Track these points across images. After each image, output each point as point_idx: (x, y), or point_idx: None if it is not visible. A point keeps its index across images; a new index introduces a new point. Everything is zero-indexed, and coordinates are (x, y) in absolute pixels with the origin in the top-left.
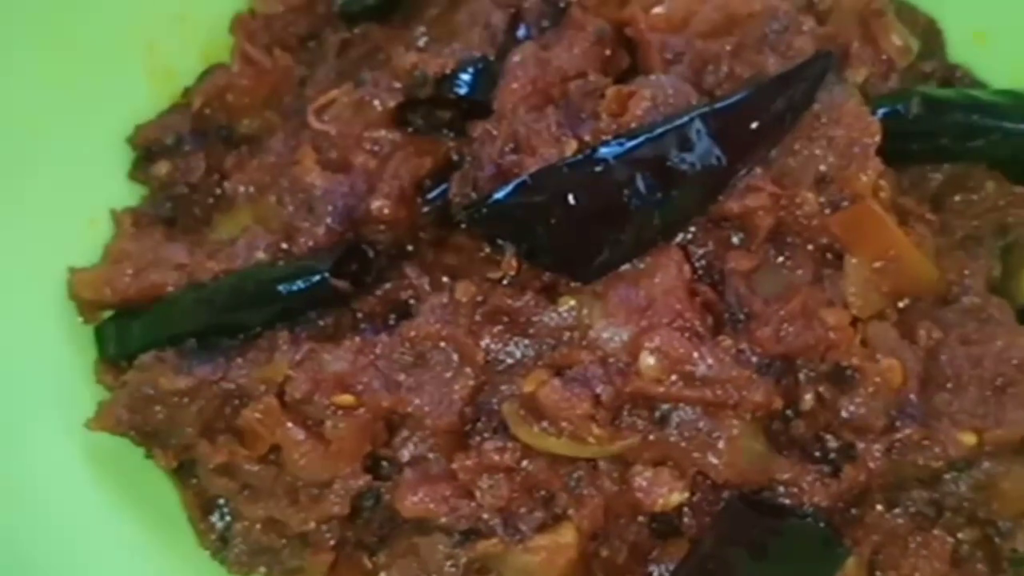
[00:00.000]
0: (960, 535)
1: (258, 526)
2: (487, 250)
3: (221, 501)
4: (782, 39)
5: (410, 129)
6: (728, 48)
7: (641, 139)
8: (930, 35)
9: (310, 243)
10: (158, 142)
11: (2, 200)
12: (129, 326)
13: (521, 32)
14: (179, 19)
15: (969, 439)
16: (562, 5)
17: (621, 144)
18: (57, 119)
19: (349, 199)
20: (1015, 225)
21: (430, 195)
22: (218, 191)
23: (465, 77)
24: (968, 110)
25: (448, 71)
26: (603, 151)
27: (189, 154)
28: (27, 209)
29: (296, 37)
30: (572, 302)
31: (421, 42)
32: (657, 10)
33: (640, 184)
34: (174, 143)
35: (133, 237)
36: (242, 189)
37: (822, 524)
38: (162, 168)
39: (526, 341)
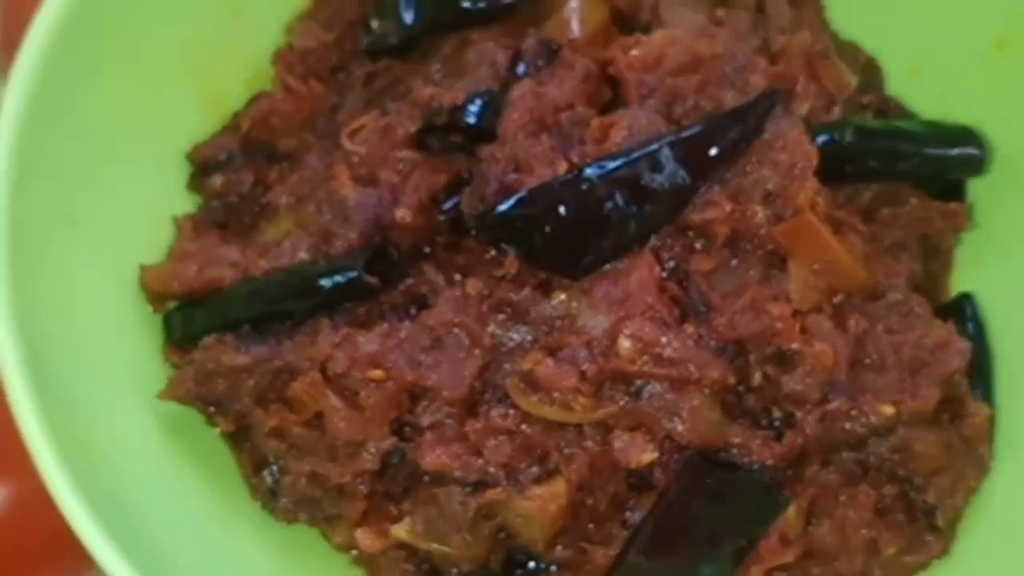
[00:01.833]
0: (882, 490)
1: (303, 480)
2: (493, 252)
3: (271, 460)
4: (740, 77)
5: (428, 151)
6: (694, 84)
7: (619, 162)
8: (870, 71)
9: (345, 245)
10: (213, 159)
11: (84, 210)
12: (193, 314)
13: (520, 69)
14: (229, 55)
15: (888, 410)
16: (555, 47)
17: (603, 166)
18: (129, 143)
19: (377, 209)
20: (934, 234)
21: (445, 206)
22: (263, 200)
23: (474, 108)
24: (893, 138)
25: (460, 103)
26: (588, 171)
27: (239, 169)
28: (104, 216)
29: (328, 69)
30: (563, 296)
31: (436, 76)
32: (634, 52)
33: (618, 199)
34: (226, 159)
35: (193, 239)
36: (284, 199)
37: (767, 478)
38: (216, 181)
39: (525, 328)
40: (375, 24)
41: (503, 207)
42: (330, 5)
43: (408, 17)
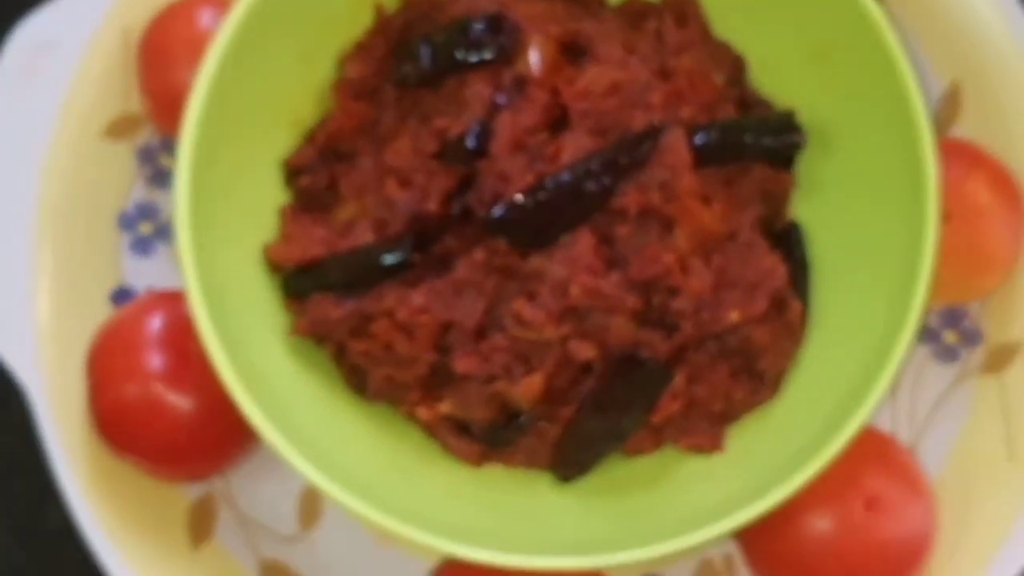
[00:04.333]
0: (733, 362)
1: (380, 380)
2: None
3: (360, 368)
4: (644, 97)
5: (444, 162)
6: (613, 105)
7: (568, 175)
8: (736, 67)
9: (396, 230)
10: (300, 165)
11: (228, 211)
12: (302, 279)
13: (500, 99)
14: (305, 90)
15: (736, 316)
16: (522, 83)
17: (557, 178)
18: (249, 161)
19: (414, 204)
20: (771, 192)
21: (458, 200)
22: (334, 191)
23: (472, 136)
24: (741, 130)
25: (463, 131)
26: (548, 183)
27: (317, 171)
28: (239, 213)
29: (369, 92)
30: (536, 259)
31: (444, 106)
32: (576, 84)
33: (567, 198)
34: (309, 165)
35: (293, 223)
36: (347, 191)
37: (662, 364)
38: (304, 180)
39: (513, 282)
40: (403, 66)
41: (496, 213)
42: (366, 48)
43: (425, 62)
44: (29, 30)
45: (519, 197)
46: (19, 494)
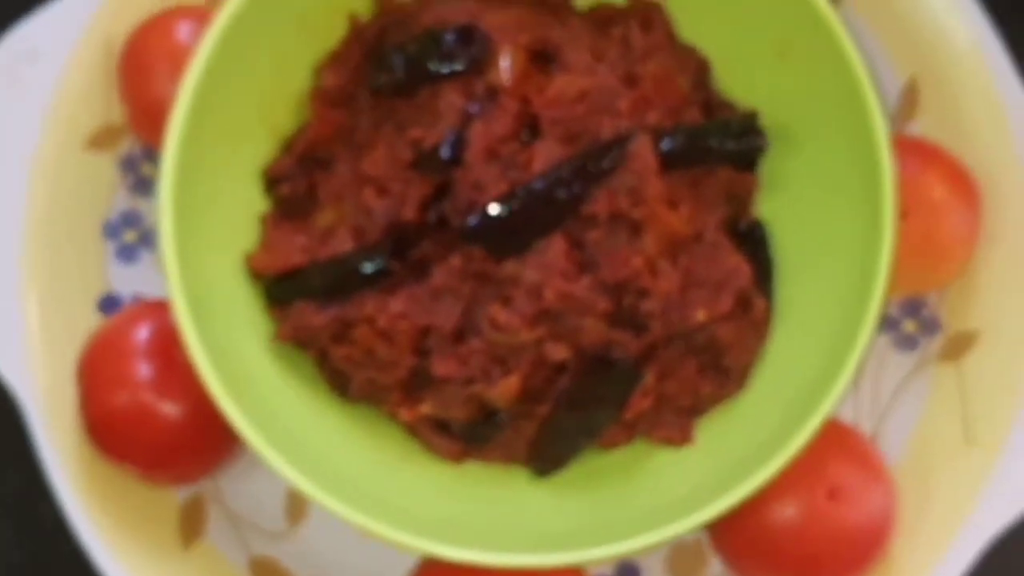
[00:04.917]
0: (700, 358)
1: (361, 382)
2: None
3: (342, 372)
4: (611, 103)
5: (420, 170)
6: (581, 112)
7: (540, 183)
8: (701, 70)
9: (374, 237)
10: (279, 173)
11: (210, 221)
12: (284, 286)
13: (472, 109)
14: (282, 99)
15: (703, 315)
16: (494, 92)
17: (530, 187)
18: (229, 171)
19: (391, 212)
20: (736, 193)
21: (434, 208)
22: (313, 196)
23: (447, 146)
24: (706, 136)
25: (437, 141)
26: (520, 191)
27: (296, 178)
28: (222, 222)
29: (344, 99)
30: (511, 265)
31: (418, 115)
32: (546, 92)
33: (540, 206)
34: (288, 173)
35: (274, 230)
36: (326, 198)
37: (632, 363)
38: (284, 189)
39: (489, 287)
40: (378, 76)
41: (472, 222)
42: (341, 57)
43: (399, 72)
44: (13, 40)
45: (493, 206)
46: (15, 491)
